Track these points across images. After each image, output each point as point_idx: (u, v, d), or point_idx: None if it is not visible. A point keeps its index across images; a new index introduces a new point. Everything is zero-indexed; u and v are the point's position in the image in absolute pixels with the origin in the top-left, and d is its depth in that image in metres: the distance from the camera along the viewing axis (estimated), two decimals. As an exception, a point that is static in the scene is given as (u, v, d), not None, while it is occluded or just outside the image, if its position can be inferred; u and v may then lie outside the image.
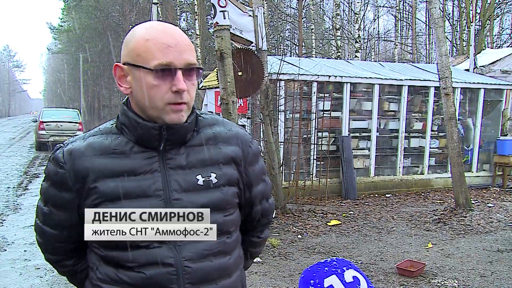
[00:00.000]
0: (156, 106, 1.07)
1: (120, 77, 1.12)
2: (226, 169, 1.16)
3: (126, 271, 1.08)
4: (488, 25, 18.98)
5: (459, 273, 4.41)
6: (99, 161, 1.09)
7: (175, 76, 1.05)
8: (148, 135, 1.10)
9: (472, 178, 9.23)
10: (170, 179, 1.10)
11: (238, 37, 5.76)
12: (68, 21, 36.77)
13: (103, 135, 1.14)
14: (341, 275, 1.06)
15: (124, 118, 1.13)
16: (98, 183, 1.08)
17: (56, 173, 1.12)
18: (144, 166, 1.10)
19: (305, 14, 21.82)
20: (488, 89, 9.38)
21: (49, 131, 15.26)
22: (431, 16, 7.02)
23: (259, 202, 1.28)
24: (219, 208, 1.13)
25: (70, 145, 1.13)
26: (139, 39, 1.07)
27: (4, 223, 6.17)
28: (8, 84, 77.99)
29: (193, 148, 1.14)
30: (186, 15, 24.21)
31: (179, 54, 1.06)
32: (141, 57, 1.06)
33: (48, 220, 1.17)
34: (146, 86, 1.06)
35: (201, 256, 1.10)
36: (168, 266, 1.07)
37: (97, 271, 1.13)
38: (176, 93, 1.06)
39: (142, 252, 1.08)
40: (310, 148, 7.88)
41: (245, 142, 1.22)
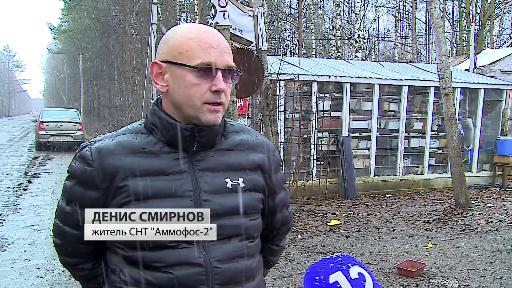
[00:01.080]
0: (194, 105, 1.07)
1: (157, 75, 1.11)
2: (253, 175, 1.17)
3: (152, 272, 1.07)
4: (488, 25, 18.97)
5: (459, 273, 4.41)
6: (128, 160, 1.08)
7: (215, 76, 1.06)
8: (179, 136, 1.10)
9: (472, 178, 9.23)
10: (199, 180, 1.10)
11: (238, 37, 5.76)
12: (68, 21, 36.76)
13: (132, 134, 1.13)
14: (347, 271, 1.06)
15: (154, 118, 1.13)
16: (128, 181, 1.07)
17: (83, 171, 1.10)
18: (173, 166, 1.10)
19: (305, 14, 21.81)
20: (488, 89, 9.38)
21: (49, 131, 15.25)
22: (431, 16, 7.02)
23: (280, 210, 1.30)
24: (246, 212, 1.14)
25: (98, 143, 1.12)
26: (181, 38, 1.07)
27: (4, 223, 6.17)
28: (8, 84, 77.99)
29: (221, 152, 1.15)
30: (186, 15, 24.20)
31: (220, 55, 1.07)
32: (183, 55, 1.06)
33: (71, 220, 1.15)
34: (187, 84, 1.06)
35: (229, 257, 1.11)
36: (197, 266, 1.07)
37: (120, 273, 1.11)
38: (215, 93, 1.07)
39: (170, 252, 1.07)
40: (310, 148, 7.88)
41: (270, 151, 1.24)
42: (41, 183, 9.47)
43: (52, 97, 75.47)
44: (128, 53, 23.03)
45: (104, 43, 27.28)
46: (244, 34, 5.88)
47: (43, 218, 6.47)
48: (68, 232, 1.16)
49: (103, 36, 27.21)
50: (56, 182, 9.53)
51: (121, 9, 24.01)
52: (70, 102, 48.74)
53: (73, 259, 1.21)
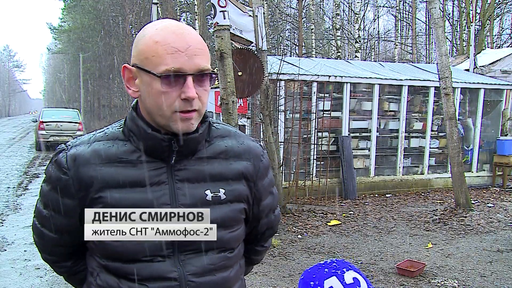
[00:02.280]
0: (164, 114, 1.01)
1: (129, 79, 1.06)
2: (236, 185, 1.12)
3: (129, 282, 1.05)
4: (488, 25, 18.97)
5: (459, 273, 4.41)
6: (105, 170, 1.04)
7: (184, 83, 0.99)
8: (157, 146, 1.05)
9: (472, 178, 9.23)
10: (178, 193, 1.06)
11: (238, 37, 5.76)
12: (68, 21, 36.77)
13: (109, 141, 1.08)
14: (341, 276, 1.06)
15: (132, 125, 1.07)
16: (103, 193, 1.04)
17: (58, 179, 1.07)
18: (151, 177, 1.05)
19: (305, 14, 21.81)
20: (488, 89, 9.38)
21: (49, 131, 15.26)
22: (431, 16, 7.02)
23: (265, 215, 1.26)
24: (226, 225, 1.11)
25: (74, 149, 1.07)
26: (148, 41, 1.00)
27: (4, 223, 6.18)
28: (8, 84, 77.99)
29: (203, 160, 1.10)
30: (186, 15, 24.21)
31: (189, 58, 0.98)
32: (149, 60, 0.99)
33: (48, 224, 1.12)
34: (154, 92, 0.99)
35: (204, 270, 1.08)
36: (172, 280, 1.05)
37: (97, 277, 1.10)
38: (186, 101, 0.99)
39: (145, 266, 1.04)
40: (310, 148, 7.88)
41: (256, 157, 1.18)
42: (41, 183, 9.46)
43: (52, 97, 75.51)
44: (128, 53, 23.02)
45: (104, 43, 27.28)
46: (244, 34, 5.88)
47: (43, 218, 6.46)
48: (46, 235, 1.14)
49: (103, 36, 27.21)
50: (56, 182, 9.52)
51: (121, 9, 24.01)
52: (70, 102, 48.73)
53: (52, 257, 1.21)
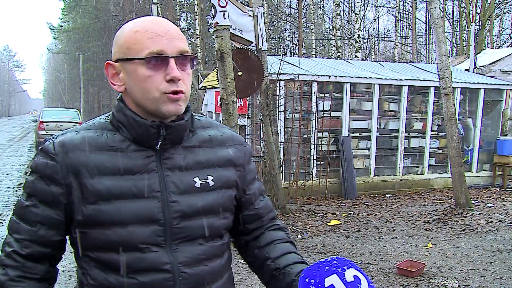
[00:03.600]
0: (153, 97, 1.04)
1: (113, 75, 1.10)
2: (223, 172, 1.15)
3: (117, 276, 1.04)
4: (488, 25, 18.98)
5: (459, 273, 4.41)
6: (94, 157, 1.04)
7: (168, 65, 1.03)
8: (146, 133, 1.07)
9: (472, 178, 9.23)
10: (167, 180, 1.07)
11: (238, 37, 5.76)
12: (68, 21, 36.78)
13: (98, 131, 1.09)
14: (342, 274, 1.05)
15: (120, 115, 1.09)
16: (93, 180, 1.03)
17: (45, 165, 1.05)
18: (141, 165, 1.06)
19: (305, 14, 21.82)
20: (488, 89, 9.38)
21: (49, 131, 15.25)
22: (431, 16, 7.02)
23: (258, 198, 1.27)
24: (215, 212, 1.12)
25: (62, 137, 1.07)
26: (127, 33, 1.06)
27: (4, 223, 6.17)
28: (8, 84, 78.02)
29: (189, 149, 1.12)
30: (186, 15, 24.22)
31: (169, 41, 1.03)
32: (132, 49, 1.04)
33: (28, 215, 1.06)
34: (140, 78, 1.03)
35: (196, 260, 1.09)
36: (164, 272, 1.05)
37: (87, 276, 1.08)
38: (171, 82, 1.03)
39: (137, 256, 1.04)
40: (310, 148, 7.88)
41: (240, 143, 1.22)
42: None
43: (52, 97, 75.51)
44: (128, 53, 23.00)
45: (104, 43, 27.28)
46: (244, 34, 5.88)
47: (43, 218, 6.47)
48: (22, 228, 1.06)
49: (103, 36, 27.22)
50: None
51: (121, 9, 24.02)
52: (70, 102, 48.75)
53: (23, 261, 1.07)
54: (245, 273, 4.27)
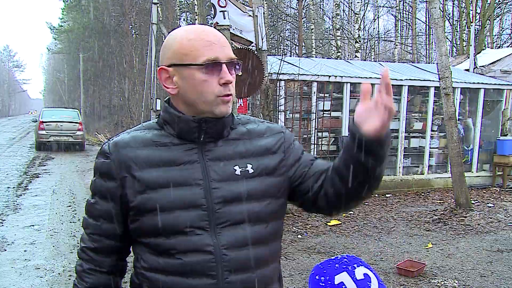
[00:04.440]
0: (208, 100, 1.14)
1: (166, 79, 1.18)
2: (262, 160, 1.21)
3: (166, 258, 1.14)
4: (488, 25, 18.97)
5: (459, 273, 4.41)
6: (142, 152, 1.17)
7: (221, 70, 1.13)
8: (187, 128, 1.17)
9: (472, 178, 9.23)
10: (209, 169, 1.16)
11: (238, 37, 5.76)
12: (68, 21, 36.74)
13: (146, 130, 1.22)
14: (352, 272, 1.06)
15: (165, 114, 1.21)
16: (142, 172, 1.15)
17: (102, 164, 1.20)
18: (184, 157, 1.17)
19: (305, 14, 21.81)
20: (488, 89, 9.38)
21: (49, 131, 15.26)
22: (431, 16, 7.02)
23: (311, 162, 1.27)
24: (256, 198, 1.18)
25: (116, 138, 1.22)
26: (182, 40, 1.14)
27: (4, 223, 6.18)
28: (8, 84, 78.00)
29: (229, 142, 1.21)
30: (186, 15, 24.21)
31: (221, 49, 1.14)
32: (189, 55, 1.13)
33: (93, 211, 1.23)
34: (197, 82, 1.13)
35: (239, 244, 1.14)
36: (207, 253, 1.12)
37: (141, 260, 1.19)
38: (224, 85, 1.14)
39: (182, 239, 1.13)
40: (310, 148, 7.88)
41: (278, 131, 1.28)
42: (41, 183, 9.47)
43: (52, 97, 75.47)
44: (128, 53, 23.03)
45: (104, 43, 27.28)
46: (244, 34, 5.88)
47: (43, 218, 6.47)
48: (90, 224, 1.23)
49: (103, 36, 27.21)
50: (56, 182, 9.54)
51: (121, 9, 24.02)
52: (70, 102, 48.71)
53: (94, 254, 1.23)
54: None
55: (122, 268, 1.28)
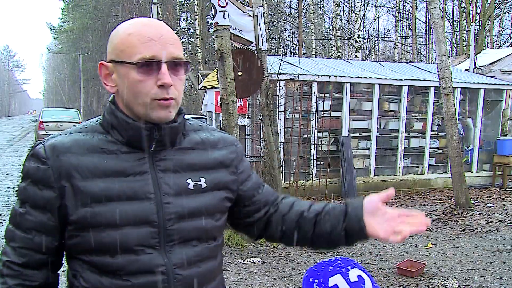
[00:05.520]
0: (143, 103, 1.03)
1: (106, 75, 1.09)
2: (215, 174, 1.15)
3: (111, 279, 1.03)
4: (488, 25, 18.98)
5: (459, 273, 4.41)
6: (87, 159, 1.03)
7: (160, 70, 1.01)
8: (138, 136, 1.06)
9: (472, 178, 9.23)
10: (160, 182, 1.07)
11: (238, 37, 5.76)
12: (68, 21, 36.78)
13: (89, 133, 1.08)
14: (346, 274, 1.06)
15: (112, 118, 1.08)
16: (86, 182, 1.02)
17: (37, 169, 1.03)
18: (134, 167, 1.06)
19: (305, 14, 21.82)
20: (488, 89, 9.38)
21: (49, 131, 15.24)
22: (431, 16, 7.02)
23: (259, 188, 1.27)
24: (209, 214, 1.12)
25: (52, 140, 1.06)
26: (121, 35, 1.05)
27: (4, 223, 6.18)
28: (8, 84, 78.01)
29: (182, 151, 1.12)
30: (186, 15, 24.23)
31: (163, 47, 1.02)
32: (124, 52, 1.03)
33: (22, 223, 1.05)
34: (131, 82, 1.02)
35: (190, 262, 1.08)
36: (159, 274, 1.04)
37: (80, 279, 1.07)
38: (162, 88, 1.02)
39: (130, 259, 1.03)
40: (310, 148, 7.88)
41: (231, 144, 1.22)
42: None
43: (52, 97, 75.52)
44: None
45: (104, 43, 27.26)
46: (244, 34, 5.88)
47: (43, 218, 6.47)
48: (18, 236, 1.05)
49: (103, 36, 27.21)
50: (56, 182, 9.53)
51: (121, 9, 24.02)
52: (70, 102, 48.74)
53: (21, 269, 1.06)
54: (245, 273, 4.27)
55: (55, 281, 1.14)
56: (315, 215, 1.20)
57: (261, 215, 1.26)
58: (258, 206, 1.25)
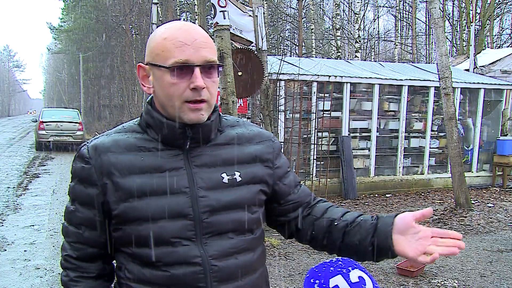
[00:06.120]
0: (175, 105, 1.08)
1: (143, 77, 1.14)
2: (251, 168, 1.18)
3: (151, 270, 1.09)
4: (488, 25, 18.97)
5: (459, 273, 4.41)
6: (125, 157, 1.10)
7: (193, 74, 1.06)
8: (172, 134, 1.11)
9: (472, 178, 9.23)
10: (195, 177, 1.11)
11: (238, 37, 5.76)
12: (68, 21, 36.77)
13: (128, 133, 1.15)
14: (347, 275, 1.06)
15: (148, 117, 1.14)
16: (125, 179, 1.08)
17: (82, 169, 1.12)
18: (169, 163, 1.11)
19: (305, 14, 21.81)
20: (488, 89, 9.38)
21: (49, 131, 15.25)
22: (431, 16, 7.02)
23: (295, 187, 1.28)
24: (243, 206, 1.15)
25: (95, 141, 1.14)
26: (157, 38, 1.09)
27: (4, 223, 6.18)
28: (8, 84, 78.00)
29: (217, 147, 1.16)
30: (186, 15, 24.21)
31: (196, 51, 1.06)
32: (159, 56, 1.07)
33: (73, 218, 1.16)
34: (165, 84, 1.07)
35: (226, 254, 1.11)
36: (195, 265, 1.08)
37: (125, 270, 1.13)
38: (194, 91, 1.06)
39: (167, 250, 1.08)
40: (310, 148, 7.88)
41: (268, 139, 1.25)
42: (41, 183, 9.47)
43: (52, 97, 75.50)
44: (128, 53, 23.01)
45: (104, 43, 27.28)
46: (244, 34, 5.88)
47: (43, 218, 6.47)
48: (70, 231, 1.16)
49: (103, 36, 27.21)
50: (56, 182, 9.53)
51: (121, 9, 24.01)
52: (70, 102, 48.72)
53: (77, 261, 1.17)
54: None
55: (110, 272, 1.21)
56: (345, 225, 1.21)
57: (295, 216, 1.27)
58: (294, 206, 1.27)
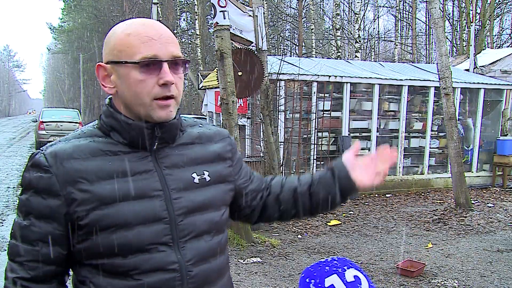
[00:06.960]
0: (143, 103, 1.03)
1: (104, 77, 1.08)
2: (216, 166, 1.18)
3: (122, 280, 1.03)
4: (488, 25, 18.97)
5: (459, 273, 4.41)
6: (91, 163, 1.03)
7: (161, 69, 1.02)
8: (141, 135, 1.06)
9: (472, 178, 9.23)
10: (167, 178, 1.08)
11: (238, 37, 5.76)
12: (68, 21, 36.80)
13: (88, 138, 1.07)
14: (342, 274, 1.06)
15: (111, 120, 1.08)
16: (94, 185, 1.01)
17: (39, 179, 1.01)
18: (138, 166, 1.06)
19: (305, 14, 21.81)
20: (488, 89, 9.38)
21: (49, 131, 15.25)
22: (431, 16, 7.02)
23: (251, 177, 1.32)
24: (214, 206, 1.14)
25: (51, 148, 1.04)
26: (120, 35, 1.04)
27: (4, 223, 6.17)
28: (8, 84, 78.02)
29: (183, 147, 1.13)
30: (186, 15, 24.23)
31: (163, 46, 1.02)
32: (124, 52, 1.02)
33: (28, 235, 1.02)
34: (132, 82, 1.02)
35: (203, 257, 1.09)
36: (172, 272, 1.04)
37: (90, 284, 1.05)
38: (164, 86, 1.02)
39: (143, 258, 1.03)
40: (310, 148, 7.88)
41: (226, 136, 1.26)
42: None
43: (52, 97, 75.55)
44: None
45: (104, 43, 27.24)
46: (244, 34, 5.88)
47: (43, 218, 6.47)
48: (24, 250, 1.02)
49: (103, 36, 27.19)
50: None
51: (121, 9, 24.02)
52: (70, 102, 48.73)
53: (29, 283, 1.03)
54: (245, 273, 4.27)
55: None
56: (308, 187, 1.28)
57: (258, 202, 1.31)
58: (255, 195, 1.30)
